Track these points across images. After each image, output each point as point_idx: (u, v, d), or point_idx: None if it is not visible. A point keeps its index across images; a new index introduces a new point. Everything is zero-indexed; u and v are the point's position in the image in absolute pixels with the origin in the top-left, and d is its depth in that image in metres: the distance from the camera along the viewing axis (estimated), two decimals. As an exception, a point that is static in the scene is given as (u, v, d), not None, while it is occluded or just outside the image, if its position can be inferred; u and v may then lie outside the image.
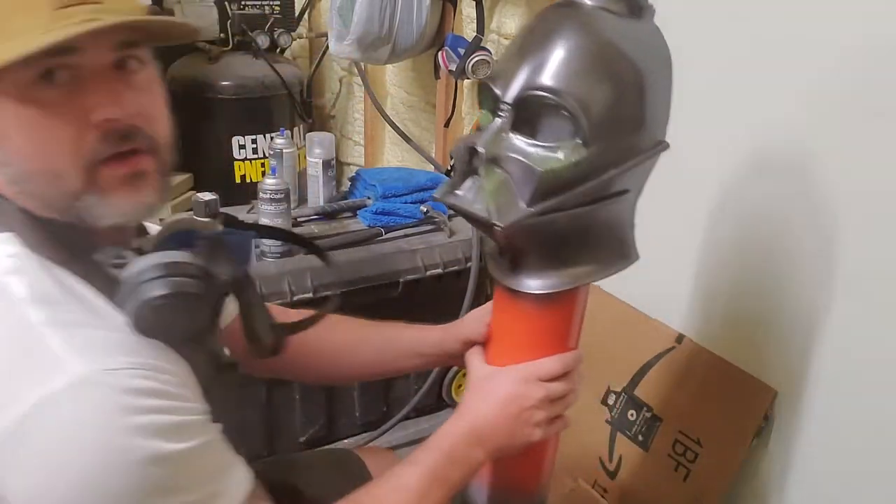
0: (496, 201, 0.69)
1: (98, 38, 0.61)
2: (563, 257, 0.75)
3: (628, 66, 0.69)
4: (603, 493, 1.40)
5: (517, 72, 0.69)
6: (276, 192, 1.62)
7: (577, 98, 0.66)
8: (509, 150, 0.69)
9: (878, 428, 1.05)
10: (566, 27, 0.68)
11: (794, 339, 1.15)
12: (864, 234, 1.04)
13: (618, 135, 0.69)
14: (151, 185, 0.67)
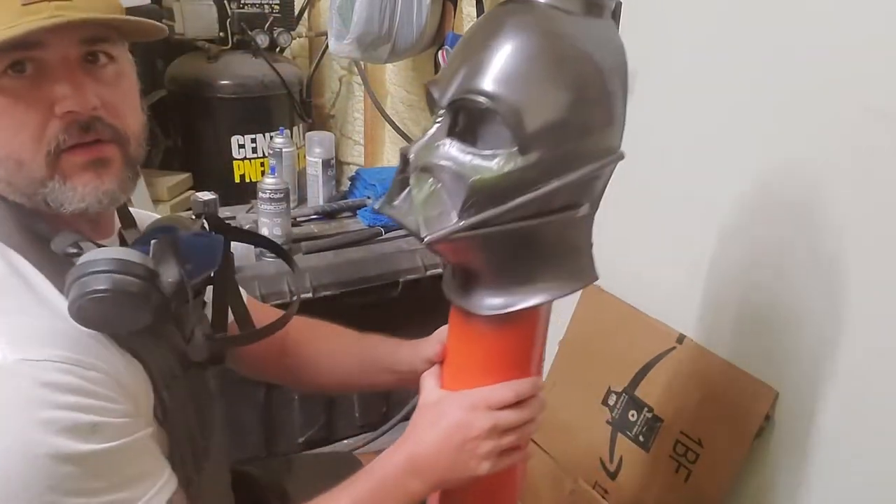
0: (425, 213, 0.65)
1: (62, 33, 0.64)
2: (512, 276, 0.70)
3: (575, 69, 0.63)
4: (603, 493, 1.39)
5: (455, 74, 0.64)
6: (276, 192, 1.62)
7: (513, 103, 0.61)
8: (441, 158, 0.64)
9: (878, 429, 1.05)
10: (511, 25, 0.64)
11: (795, 340, 1.15)
12: (866, 235, 1.03)
13: (561, 143, 0.63)
14: (114, 173, 0.69)
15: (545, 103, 0.62)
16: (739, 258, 1.23)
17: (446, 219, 0.64)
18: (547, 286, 0.70)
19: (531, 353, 0.77)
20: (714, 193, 1.27)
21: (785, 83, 1.12)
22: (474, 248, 0.67)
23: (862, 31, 1.01)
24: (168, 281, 0.66)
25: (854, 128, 1.03)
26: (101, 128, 0.67)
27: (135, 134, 0.72)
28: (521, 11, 0.65)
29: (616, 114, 0.67)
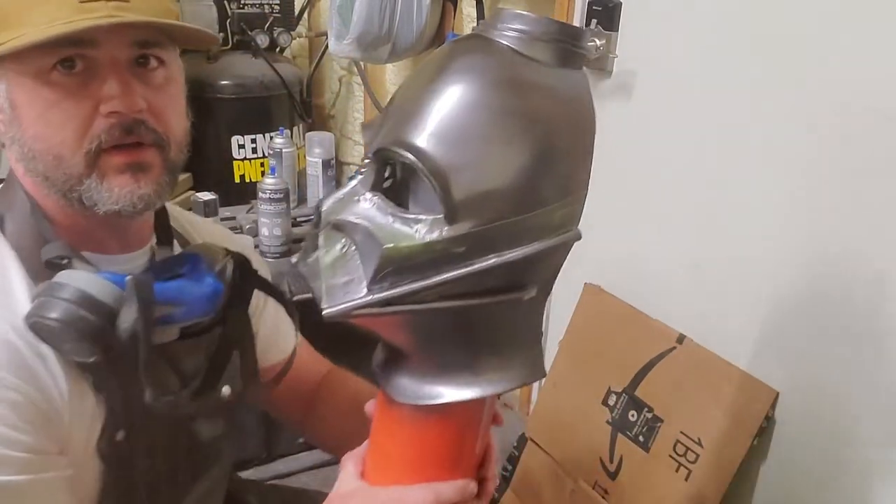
0: (331, 279, 0.54)
1: (116, 33, 0.64)
2: (441, 363, 0.59)
3: (530, 128, 0.52)
4: (604, 493, 1.39)
5: (387, 118, 0.55)
6: (276, 192, 1.62)
7: (442, 161, 0.50)
8: (355, 215, 0.54)
9: (878, 429, 1.05)
10: (459, 68, 0.53)
11: (795, 340, 1.15)
12: (867, 234, 1.03)
13: (501, 215, 0.52)
14: (152, 178, 0.69)
15: (485, 166, 0.51)
16: (740, 258, 1.23)
17: (353, 290, 0.53)
18: (481, 379, 0.59)
19: (462, 450, 0.65)
20: (715, 193, 1.27)
21: (786, 83, 1.12)
22: (394, 326, 0.57)
23: (864, 31, 1.01)
24: (123, 326, 0.63)
25: (856, 128, 1.03)
26: (144, 131, 0.67)
27: (177, 140, 0.72)
28: (475, 51, 0.55)
29: (574, 186, 0.56)
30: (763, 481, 1.22)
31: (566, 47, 0.54)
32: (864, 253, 1.04)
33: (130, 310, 0.63)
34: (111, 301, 0.63)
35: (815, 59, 1.07)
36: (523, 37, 0.53)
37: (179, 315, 0.69)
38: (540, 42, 0.53)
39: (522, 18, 0.54)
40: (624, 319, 1.44)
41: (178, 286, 0.70)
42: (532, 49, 0.53)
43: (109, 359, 0.64)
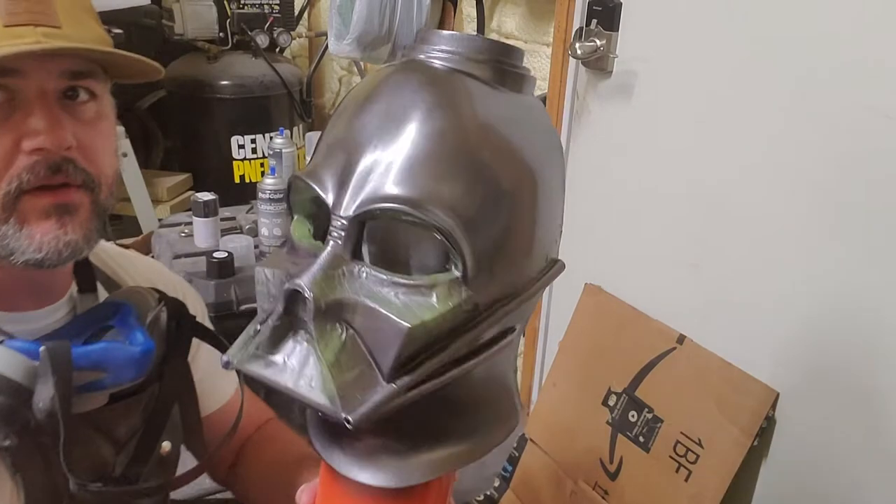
0: (340, 378, 0.43)
1: (45, 62, 0.57)
2: (413, 436, 0.49)
3: (515, 160, 0.47)
4: (604, 494, 1.39)
5: (354, 169, 0.45)
6: (276, 192, 1.62)
7: (451, 212, 0.44)
8: (354, 293, 0.44)
9: (879, 429, 1.04)
10: (424, 104, 0.45)
11: (795, 340, 1.15)
12: (866, 234, 1.03)
13: (506, 260, 0.47)
14: (80, 222, 0.61)
15: (490, 211, 0.45)
16: (740, 258, 1.23)
17: (369, 383, 0.44)
18: (464, 444, 0.50)
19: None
20: (715, 193, 1.27)
21: (786, 82, 1.12)
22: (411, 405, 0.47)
23: (866, 30, 1.01)
24: (39, 406, 0.56)
25: (856, 128, 1.03)
26: (73, 171, 0.60)
27: (108, 181, 0.64)
28: (431, 82, 0.47)
29: (558, 216, 0.53)
30: (763, 481, 1.22)
31: (503, 68, 0.49)
32: (864, 253, 1.04)
33: (46, 386, 0.56)
34: (22, 378, 0.56)
35: (815, 59, 1.07)
36: (458, 58, 0.48)
37: (107, 381, 0.61)
38: (477, 63, 0.48)
39: (455, 38, 0.49)
40: (624, 319, 1.44)
41: (102, 349, 0.61)
42: (474, 68, 0.48)
43: (27, 440, 0.57)
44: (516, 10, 1.77)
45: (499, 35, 1.84)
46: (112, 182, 0.65)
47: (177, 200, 2.34)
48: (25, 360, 0.56)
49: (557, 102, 1.60)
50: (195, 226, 1.65)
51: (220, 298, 1.47)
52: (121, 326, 0.65)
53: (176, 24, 2.25)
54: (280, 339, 0.45)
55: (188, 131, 2.39)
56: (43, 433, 0.57)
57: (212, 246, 1.63)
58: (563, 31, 1.53)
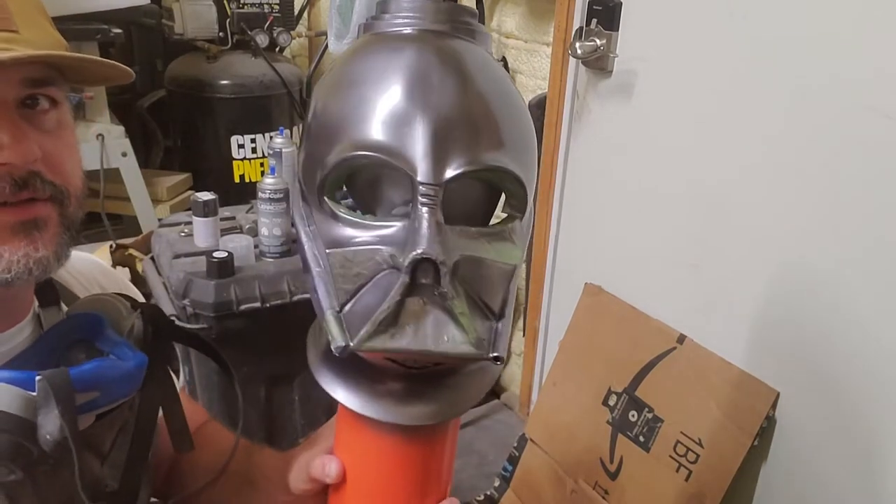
0: (474, 327, 0.48)
1: (3, 70, 0.54)
2: (437, 379, 0.54)
3: (517, 100, 0.53)
4: (604, 494, 1.39)
5: (429, 139, 0.47)
6: (276, 192, 1.61)
7: (519, 165, 0.50)
8: (464, 249, 0.48)
9: (880, 429, 1.05)
10: (467, 66, 0.50)
11: (796, 339, 1.15)
12: (865, 235, 1.03)
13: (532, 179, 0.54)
14: (50, 237, 0.58)
15: (531, 158, 0.53)
16: (740, 258, 1.23)
17: (485, 324, 0.49)
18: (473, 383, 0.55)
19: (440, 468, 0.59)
20: (715, 193, 1.27)
21: (786, 82, 1.12)
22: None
23: (867, 30, 1.01)
24: (47, 438, 0.53)
25: (856, 127, 1.03)
26: (40, 185, 0.57)
27: (76, 192, 0.61)
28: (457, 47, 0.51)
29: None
30: (763, 481, 1.22)
31: (462, 25, 0.54)
32: (864, 252, 1.04)
33: (50, 416, 0.53)
34: (23, 411, 0.53)
35: (814, 59, 1.07)
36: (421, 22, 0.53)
37: (101, 400, 0.59)
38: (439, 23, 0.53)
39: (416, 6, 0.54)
40: (624, 319, 1.44)
41: (95, 369, 0.58)
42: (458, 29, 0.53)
43: (28, 474, 0.55)
44: (516, 10, 1.77)
45: (499, 34, 1.83)
46: (80, 193, 0.62)
47: (177, 200, 2.34)
48: (22, 392, 0.53)
49: (557, 102, 1.59)
50: (195, 225, 1.65)
51: (220, 298, 1.46)
52: (99, 341, 0.62)
53: (176, 24, 2.25)
54: (401, 310, 0.47)
55: (188, 131, 2.39)
56: (44, 463, 0.55)
57: (212, 246, 1.62)
58: (564, 30, 1.53)
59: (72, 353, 0.62)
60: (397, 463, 0.56)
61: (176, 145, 2.50)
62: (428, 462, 0.57)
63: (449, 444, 0.58)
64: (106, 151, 2.06)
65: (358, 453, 0.57)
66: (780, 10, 1.12)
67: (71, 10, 1.90)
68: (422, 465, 0.57)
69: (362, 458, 0.57)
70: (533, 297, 1.79)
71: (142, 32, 2.63)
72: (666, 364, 1.34)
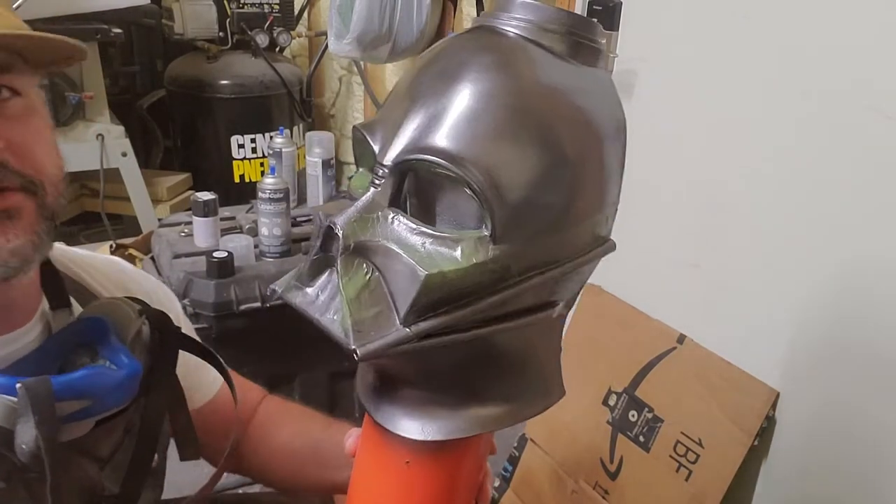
0: (357, 314, 0.46)
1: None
2: (457, 392, 0.52)
3: (567, 129, 0.47)
4: (604, 494, 1.39)
5: (403, 122, 0.47)
6: (276, 192, 1.61)
7: (486, 170, 0.44)
8: (383, 237, 0.46)
9: (880, 429, 1.04)
10: (480, 64, 0.47)
11: (796, 339, 1.15)
12: (864, 230, 1.03)
13: (543, 227, 0.47)
14: (24, 227, 0.57)
15: (528, 174, 0.46)
16: (740, 258, 1.23)
17: (385, 323, 0.46)
18: (502, 408, 0.52)
19: (462, 486, 0.57)
20: (716, 193, 1.27)
21: (785, 82, 1.12)
22: (415, 358, 0.49)
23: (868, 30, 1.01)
24: (23, 448, 0.52)
25: (856, 127, 1.03)
26: (6, 175, 0.55)
27: (51, 180, 0.59)
28: (495, 45, 0.48)
29: (612, 190, 0.52)
30: (763, 481, 1.22)
31: (578, 40, 0.49)
32: (864, 252, 1.04)
33: (27, 426, 0.52)
34: (1, 420, 0.52)
35: (815, 59, 1.07)
36: (531, 27, 0.49)
37: (93, 409, 0.58)
38: (550, 33, 0.49)
39: (530, 7, 0.49)
40: (624, 319, 1.44)
41: (84, 378, 0.57)
42: (546, 37, 0.48)
43: (13, 483, 0.55)
44: (516, 10, 1.77)
45: (499, 35, 1.83)
46: (58, 182, 0.60)
47: (177, 200, 2.34)
48: (2, 398, 0.52)
49: (557, 102, 1.59)
50: (195, 225, 1.65)
51: (220, 298, 1.46)
52: (102, 346, 0.61)
53: (176, 24, 2.25)
54: (316, 274, 0.48)
55: (188, 131, 2.39)
56: (29, 470, 0.54)
57: (212, 246, 1.63)
58: (564, 30, 1.53)
59: (76, 358, 0.61)
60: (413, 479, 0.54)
61: (176, 145, 2.51)
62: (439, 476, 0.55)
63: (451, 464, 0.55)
64: (106, 151, 2.07)
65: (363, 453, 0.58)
66: (780, 10, 1.12)
67: (71, 9, 1.90)
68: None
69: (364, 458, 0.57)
70: (533, 297, 1.79)
71: (142, 32, 2.63)
72: (666, 364, 1.34)
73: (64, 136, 1.95)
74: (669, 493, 1.27)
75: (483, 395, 0.52)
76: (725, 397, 1.22)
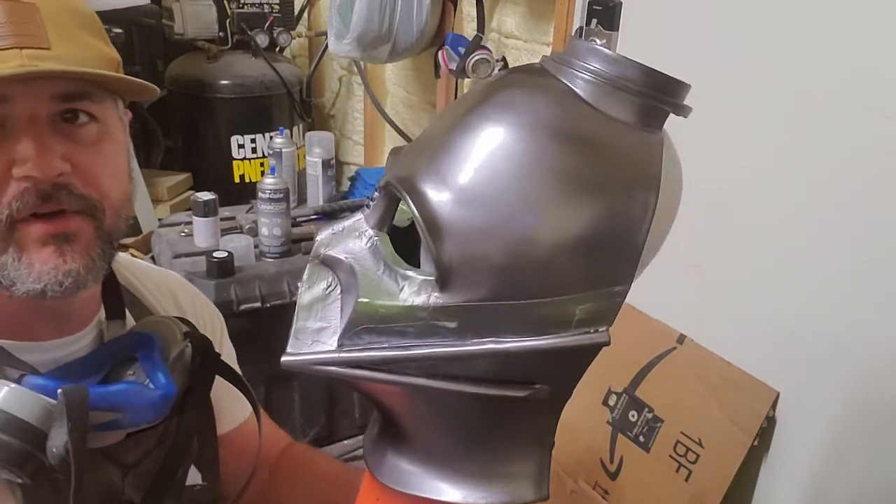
0: (302, 323, 0.46)
1: (32, 85, 0.55)
2: (434, 451, 0.49)
3: (567, 196, 0.42)
4: (604, 494, 1.39)
5: (413, 148, 0.46)
6: (276, 192, 1.62)
7: (443, 212, 0.41)
8: (347, 253, 0.45)
9: (879, 429, 1.04)
10: (502, 103, 0.44)
11: (796, 340, 1.15)
12: (864, 230, 1.03)
13: (504, 291, 0.42)
14: (80, 250, 0.59)
15: (494, 230, 0.41)
16: (740, 258, 1.23)
17: (323, 340, 0.45)
18: (463, 483, 0.48)
19: None
20: (716, 193, 1.26)
21: (785, 82, 1.12)
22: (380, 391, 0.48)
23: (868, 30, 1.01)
24: (53, 451, 0.55)
25: (856, 127, 1.03)
26: (67, 197, 0.57)
27: (113, 205, 0.61)
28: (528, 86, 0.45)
29: (611, 279, 0.47)
30: (763, 481, 1.22)
31: (651, 103, 0.46)
32: (863, 252, 1.04)
33: (60, 431, 0.54)
34: (38, 421, 0.55)
35: (814, 59, 1.07)
36: (596, 80, 0.44)
37: (124, 422, 0.60)
38: (619, 92, 0.45)
39: (601, 56, 0.45)
40: (624, 319, 1.42)
41: (121, 392, 0.60)
42: (605, 99, 0.44)
43: (40, 480, 0.57)
44: (516, 10, 1.77)
45: (499, 34, 1.83)
46: (120, 205, 0.62)
47: (177, 200, 2.35)
48: (42, 400, 0.55)
49: (557, 102, 1.59)
50: (195, 225, 1.65)
51: (220, 298, 1.47)
52: (145, 362, 0.63)
53: (176, 24, 2.25)
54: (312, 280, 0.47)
55: (188, 131, 2.39)
56: (55, 471, 0.56)
57: (212, 246, 1.63)
58: (563, 30, 1.53)
59: (122, 369, 0.64)
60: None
61: (176, 145, 2.51)
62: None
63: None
64: (106, 151, 2.06)
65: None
66: (781, 10, 1.11)
67: (71, 10, 1.90)
68: None
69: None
70: (533, 297, 1.79)
71: (142, 32, 2.63)
72: (666, 364, 1.34)
73: (64, 136, 1.95)
74: (669, 493, 1.27)
75: (451, 465, 0.49)
76: (725, 397, 1.22)
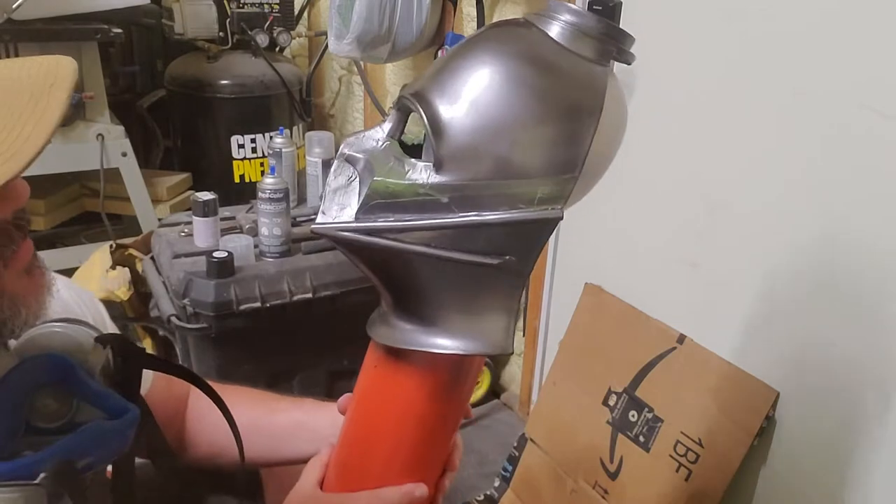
0: (330, 202, 0.59)
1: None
2: (418, 315, 0.61)
3: (529, 98, 0.55)
4: (604, 493, 1.39)
5: (420, 75, 0.60)
6: (276, 192, 1.61)
7: (442, 113, 0.55)
8: (364, 152, 0.59)
9: (879, 428, 1.05)
10: (488, 38, 0.59)
11: (796, 339, 1.15)
12: (864, 231, 1.03)
13: (484, 173, 0.55)
14: (40, 266, 0.55)
15: (478, 126, 0.55)
16: (739, 258, 1.23)
17: (344, 215, 0.58)
18: (446, 337, 0.59)
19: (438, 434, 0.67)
20: (716, 193, 1.27)
21: (785, 82, 1.12)
22: (376, 261, 0.60)
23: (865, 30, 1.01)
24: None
25: (855, 127, 1.03)
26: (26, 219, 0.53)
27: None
28: (509, 28, 0.60)
29: (565, 167, 0.56)
30: (763, 481, 1.22)
31: (604, 46, 0.61)
32: (864, 252, 1.04)
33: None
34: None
35: (814, 59, 1.07)
36: (565, 26, 0.58)
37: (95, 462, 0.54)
38: (583, 36, 0.58)
39: (571, 10, 0.58)
40: (624, 319, 1.44)
41: (88, 440, 0.52)
42: (571, 40, 0.58)
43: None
44: (516, 10, 1.77)
45: (499, 34, 1.83)
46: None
47: (177, 200, 2.34)
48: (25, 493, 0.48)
49: (557, 102, 1.59)
50: (195, 225, 1.65)
51: (220, 298, 1.46)
52: (71, 385, 0.54)
53: (176, 24, 2.25)
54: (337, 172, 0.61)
55: (188, 131, 2.39)
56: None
57: (211, 245, 1.62)
58: (563, 30, 1.53)
59: (38, 402, 0.54)
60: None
61: (176, 145, 2.50)
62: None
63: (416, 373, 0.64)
64: (106, 151, 2.06)
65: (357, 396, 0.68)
66: (781, 10, 1.12)
67: (71, 10, 1.90)
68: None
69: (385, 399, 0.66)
70: (533, 297, 1.79)
71: (142, 32, 2.63)
72: (666, 364, 1.34)
73: (64, 136, 1.95)
74: (669, 493, 1.27)
75: (434, 321, 0.60)
76: (725, 397, 1.22)
